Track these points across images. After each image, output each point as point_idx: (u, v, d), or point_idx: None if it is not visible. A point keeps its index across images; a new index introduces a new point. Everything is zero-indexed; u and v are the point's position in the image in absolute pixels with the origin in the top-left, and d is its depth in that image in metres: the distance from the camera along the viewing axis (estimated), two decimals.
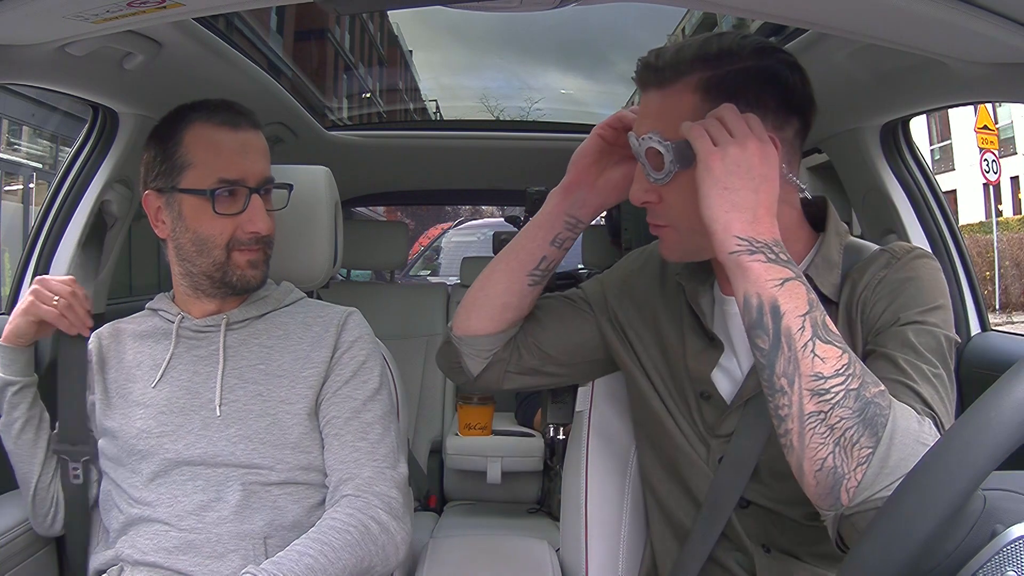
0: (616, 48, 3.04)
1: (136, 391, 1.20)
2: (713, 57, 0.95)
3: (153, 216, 1.21)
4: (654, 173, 0.97)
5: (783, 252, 0.87)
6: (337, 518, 1.09)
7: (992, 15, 0.88)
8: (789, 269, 0.85)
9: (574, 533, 1.24)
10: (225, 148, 1.17)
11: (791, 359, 0.81)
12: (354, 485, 1.13)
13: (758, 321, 0.84)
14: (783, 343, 0.82)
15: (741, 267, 0.86)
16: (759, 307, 0.84)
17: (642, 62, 0.99)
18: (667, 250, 1.04)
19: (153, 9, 0.94)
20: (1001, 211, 14.54)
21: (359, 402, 1.19)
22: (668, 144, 0.94)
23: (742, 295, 0.85)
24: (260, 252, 1.20)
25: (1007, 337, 1.78)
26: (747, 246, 0.85)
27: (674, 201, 0.98)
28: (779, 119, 0.95)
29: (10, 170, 8.12)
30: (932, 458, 0.62)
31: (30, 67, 1.20)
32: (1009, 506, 0.63)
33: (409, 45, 3.46)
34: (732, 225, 0.86)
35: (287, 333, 1.22)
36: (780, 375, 0.82)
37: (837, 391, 0.80)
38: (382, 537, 1.10)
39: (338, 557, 1.04)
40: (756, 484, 1.02)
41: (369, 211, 7.64)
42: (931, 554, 0.62)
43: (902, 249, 1.00)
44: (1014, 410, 0.59)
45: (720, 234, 0.87)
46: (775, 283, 0.84)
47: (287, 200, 1.26)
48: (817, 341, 0.81)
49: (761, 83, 0.94)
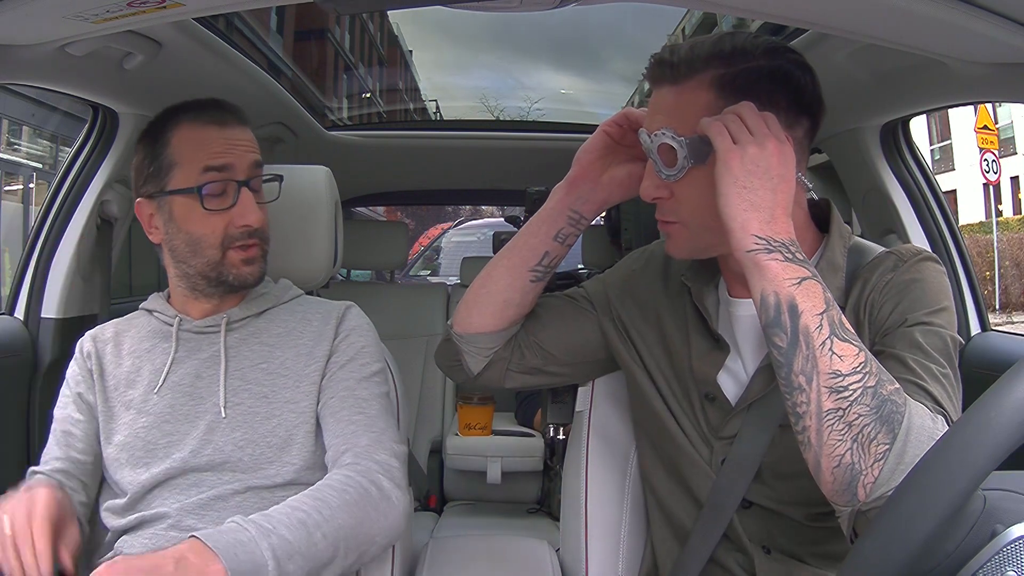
0: (616, 48, 3.04)
1: (138, 397, 1.18)
2: (727, 55, 0.95)
3: (147, 223, 1.21)
4: (666, 169, 0.97)
5: (799, 252, 0.87)
6: (335, 477, 1.07)
7: (992, 15, 0.88)
8: (806, 268, 0.86)
9: (574, 533, 1.24)
10: (211, 143, 1.16)
11: (809, 357, 0.82)
12: (353, 453, 1.11)
13: (776, 319, 0.84)
14: (801, 341, 0.82)
15: (759, 266, 0.86)
16: (776, 305, 0.84)
17: (655, 58, 0.99)
18: (675, 247, 1.03)
19: (153, 9, 0.94)
20: (1001, 211, 14.53)
21: (354, 381, 1.17)
22: (682, 140, 0.95)
23: (759, 293, 0.86)
24: (256, 248, 1.19)
25: (1007, 337, 1.78)
26: (765, 245, 0.86)
27: (686, 197, 0.98)
28: (790, 118, 0.96)
29: (10, 170, 8.12)
30: (932, 458, 0.62)
31: (30, 67, 1.20)
32: (1009, 506, 0.63)
33: (409, 45, 3.46)
34: (750, 224, 0.87)
35: (287, 330, 1.22)
36: (798, 373, 0.82)
37: (855, 388, 0.80)
38: (383, 504, 1.06)
39: (333, 515, 1.01)
40: (758, 485, 1.02)
41: (369, 211, 7.64)
42: (931, 554, 0.62)
43: (908, 252, 1.01)
44: (1014, 410, 0.60)
45: (738, 232, 0.87)
46: (792, 282, 0.84)
47: (279, 192, 1.25)
48: (835, 339, 0.82)
49: (774, 82, 0.95)
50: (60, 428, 1.20)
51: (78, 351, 1.24)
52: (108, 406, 1.20)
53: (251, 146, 1.20)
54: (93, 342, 1.24)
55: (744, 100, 0.92)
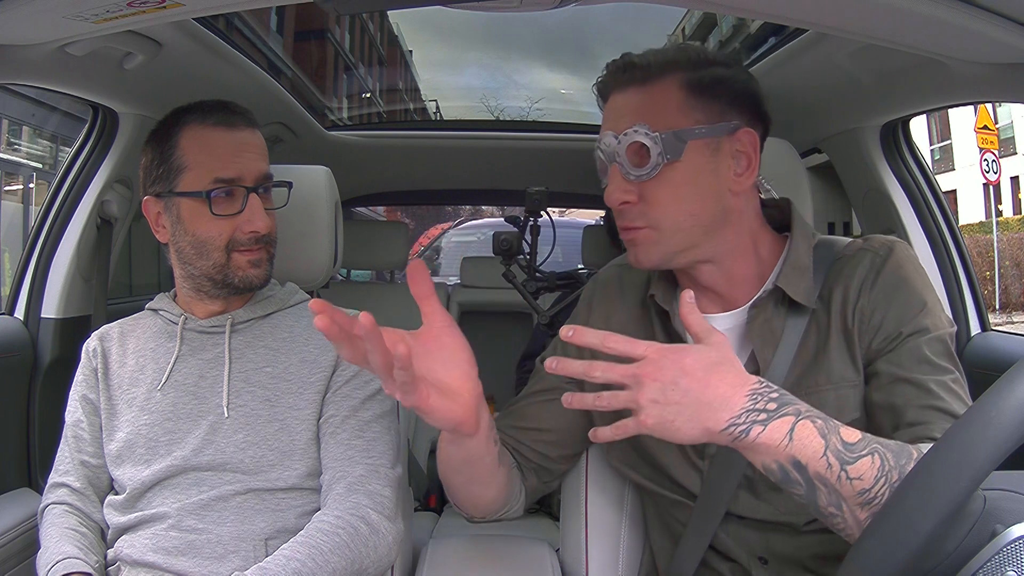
0: (616, 49, 3.03)
1: (141, 395, 1.18)
2: (694, 60, 0.99)
3: (153, 221, 1.21)
4: (635, 170, 0.97)
5: (764, 387, 0.82)
6: (326, 520, 1.09)
7: (992, 15, 0.88)
8: (785, 410, 0.80)
9: (574, 533, 1.24)
10: (221, 148, 1.16)
11: (831, 492, 0.80)
12: (345, 484, 1.12)
13: (785, 479, 0.81)
14: (817, 485, 0.80)
15: (746, 448, 0.81)
16: (781, 469, 0.80)
17: (620, 63, 1.01)
18: (644, 255, 1.01)
19: (153, 9, 0.94)
20: (1001, 211, 14.53)
21: (358, 401, 1.18)
22: (657, 135, 0.95)
23: (759, 465, 0.82)
24: (262, 251, 1.19)
25: (1007, 337, 1.78)
26: (735, 427, 0.80)
27: (656, 197, 0.98)
28: (752, 122, 1.00)
29: (10, 170, 8.11)
30: (932, 458, 0.62)
31: (30, 67, 1.20)
32: (1009, 506, 0.63)
33: (409, 45, 3.46)
34: (710, 430, 0.80)
35: (292, 335, 1.22)
36: (826, 506, 0.80)
37: (882, 491, 0.78)
38: (372, 538, 1.09)
39: (327, 560, 1.03)
40: (754, 500, 1.01)
41: (369, 211, 7.63)
42: (932, 553, 0.62)
43: (880, 244, 1.01)
44: (1014, 410, 0.60)
45: (710, 438, 0.81)
46: (784, 442, 0.79)
47: (287, 198, 1.25)
48: (847, 467, 0.79)
49: (736, 89, 0.99)
50: (71, 433, 1.22)
51: (84, 352, 1.25)
52: (111, 404, 1.20)
53: (261, 152, 1.20)
54: (99, 341, 1.24)
55: (711, 102, 0.97)
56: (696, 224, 0.99)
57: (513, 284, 2.26)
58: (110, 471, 1.19)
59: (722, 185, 0.99)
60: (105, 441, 1.19)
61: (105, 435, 1.20)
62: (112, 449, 1.18)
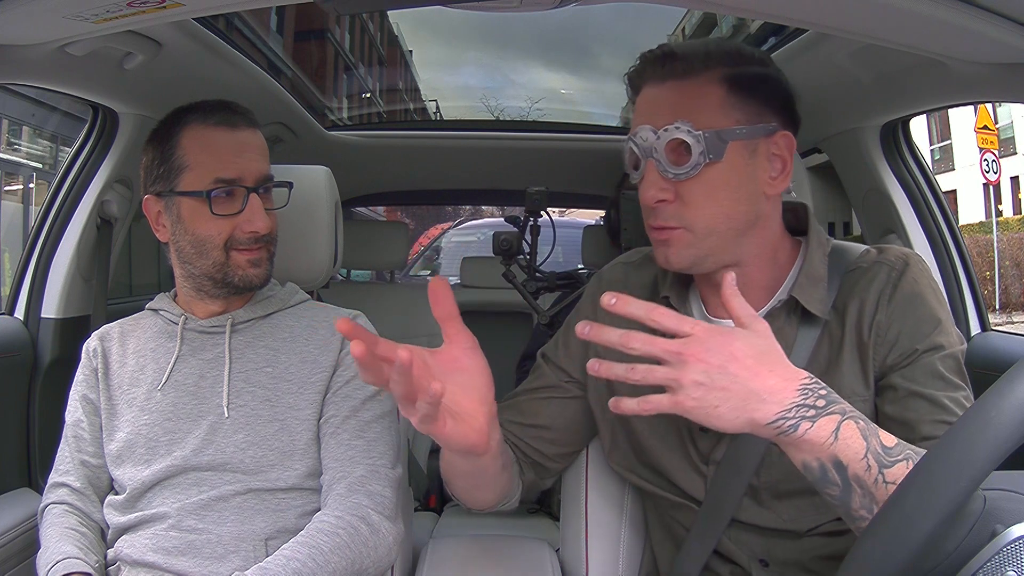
0: (616, 49, 3.04)
1: (141, 395, 1.18)
2: (734, 54, 0.97)
3: (154, 220, 1.21)
4: (673, 168, 0.94)
5: (814, 385, 0.80)
6: (326, 520, 1.09)
7: (992, 15, 0.88)
8: (832, 408, 0.79)
9: (574, 533, 1.23)
10: (221, 148, 1.16)
11: (865, 495, 0.79)
12: (346, 484, 1.12)
13: (823, 479, 0.80)
14: (854, 486, 0.79)
15: (790, 443, 0.80)
16: (821, 467, 0.79)
17: (659, 53, 0.97)
18: (676, 256, 0.98)
19: (153, 9, 0.94)
20: (1001, 211, 14.53)
21: (358, 401, 1.18)
22: (699, 134, 0.92)
23: (800, 463, 0.80)
24: (262, 251, 1.19)
25: (1007, 337, 1.78)
26: (783, 421, 0.78)
27: (694, 198, 0.95)
28: (785, 123, 0.98)
29: (10, 170, 8.11)
30: (932, 458, 0.62)
31: (30, 67, 1.20)
32: (1009, 506, 0.63)
33: (409, 45, 3.46)
34: (755, 421, 0.78)
35: (292, 335, 1.22)
36: (858, 509, 0.79)
37: None
38: (372, 539, 1.09)
39: (327, 561, 1.04)
40: (757, 507, 1.00)
41: (369, 211, 7.63)
42: (932, 553, 0.62)
43: (896, 257, 1.00)
44: (1014, 410, 0.59)
45: (756, 431, 0.79)
46: (830, 441, 0.78)
47: (287, 198, 1.25)
48: (884, 471, 0.78)
49: (773, 88, 0.98)
50: (71, 433, 1.22)
51: (84, 352, 1.25)
52: (111, 403, 1.20)
53: (262, 152, 1.20)
54: (100, 341, 1.24)
55: (751, 99, 0.94)
56: (730, 228, 0.96)
57: (513, 284, 2.26)
58: (110, 471, 1.19)
59: (757, 189, 0.97)
60: (105, 441, 1.19)
61: (105, 435, 1.19)
62: (112, 449, 1.18)
